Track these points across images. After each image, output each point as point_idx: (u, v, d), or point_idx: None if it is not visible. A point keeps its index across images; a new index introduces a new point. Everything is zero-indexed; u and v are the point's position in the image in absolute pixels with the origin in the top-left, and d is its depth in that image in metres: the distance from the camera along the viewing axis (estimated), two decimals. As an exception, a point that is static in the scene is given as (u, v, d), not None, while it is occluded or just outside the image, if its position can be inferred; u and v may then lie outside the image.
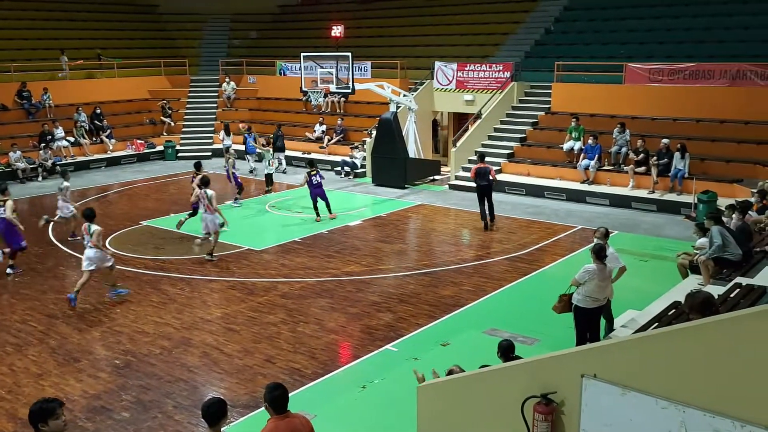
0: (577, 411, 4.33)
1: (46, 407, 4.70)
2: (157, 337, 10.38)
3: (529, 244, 14.99)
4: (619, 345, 4.39)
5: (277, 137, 23.41)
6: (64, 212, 15.49)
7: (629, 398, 4.04)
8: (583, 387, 4.25)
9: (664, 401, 3.90)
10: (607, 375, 4.15)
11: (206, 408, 5.16)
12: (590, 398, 4.24)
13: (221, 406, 5.18)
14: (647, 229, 16.03)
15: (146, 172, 24.30)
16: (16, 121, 25.01)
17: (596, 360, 4.26)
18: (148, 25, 33.53)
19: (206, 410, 5.15)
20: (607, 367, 4.17)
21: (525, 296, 12.01)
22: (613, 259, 9.35)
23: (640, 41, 22.71)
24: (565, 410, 4.45)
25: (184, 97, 29.76)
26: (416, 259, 14.36)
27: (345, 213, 17.91)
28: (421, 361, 9.31)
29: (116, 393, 8.72)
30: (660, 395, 3.91)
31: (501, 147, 21.70)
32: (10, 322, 10.98)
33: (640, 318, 9.35)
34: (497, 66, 23.35)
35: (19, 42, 27.81)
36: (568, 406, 4.42)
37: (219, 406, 5.17)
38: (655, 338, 4.17)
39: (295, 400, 7.89)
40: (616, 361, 4.16)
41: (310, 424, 5.35)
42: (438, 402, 5.34)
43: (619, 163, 19.32)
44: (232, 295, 12.15)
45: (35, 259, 14.28)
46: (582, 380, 4.25)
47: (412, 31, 28.71)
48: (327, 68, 21.27)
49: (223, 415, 5.18)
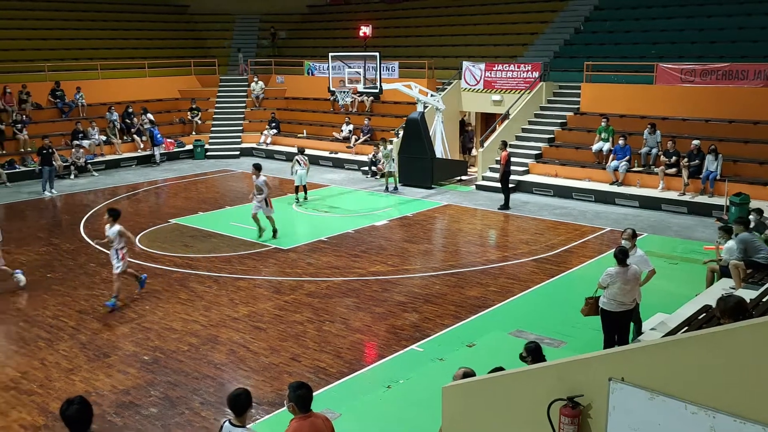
0: (604, 415, 4.29)
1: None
2: (184, 334, 10.50)
3: (557, 245, 14.87)
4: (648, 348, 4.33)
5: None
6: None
7: (657, 403, 3.99)
8: (610, 390, 4.20)
9: (694, 406, 3.83)
10: (635, 379, 4.10)
11: (233, 398, 5.24)
12: (617, 402, 4.19)
13: (247, 397, 5.29)
14: (677, 232, 15.80)
15: (175, 170, 24.60)
16: (50, 119, 25.50)
17: (624, 363, 4.21)
18: (179, 25, 33.96)
19: (233, 400, 5.23)
20: (636, 371, 4.11)
21: (552, 298, 11.92)
22: (642, 261, 9.23)
23: (672, 41, 22.40)
24: (592, 414, 4.40)
25: (214, 96, 30.07)
26: (442, 259, 14.33)
27: (371, 213, 17.96)
28: (447, 361, 9.29)
29: (144, 389, 8.84)
30: (689, 400, 3.85)
31: (529, 147, 21.55)
32: (43, 318, 11.19)
33: (670, 321, 9.23)
34: (525, 66, 23.21)
35: (53, 42, 28.34)
36: (595, 410, 4.37)
37: (245, 396, 5.27)
38: (685, 342, 4.11)
39: (320, 398, 7.94)
40: (644, 365, 4.10)
41: (331, 423, 5.38)
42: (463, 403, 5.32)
43: (649, 165, 19.08)
44: (259, 293, 12.24)
45: (67, 256, 14.54)
46: (609, 384, 4.20)
47: (440, 31, 28.69)
48: (355, 68, 21.33)
49: (248, 405, 5.29)
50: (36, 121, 24.85)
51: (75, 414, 4.54)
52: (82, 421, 4.57)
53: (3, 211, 18.88)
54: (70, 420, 4.54)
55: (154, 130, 25.96)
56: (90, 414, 4.62)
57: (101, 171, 24.15)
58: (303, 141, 26.37)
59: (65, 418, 4.55)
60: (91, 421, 4.62)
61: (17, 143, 23.57)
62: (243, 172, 23.91)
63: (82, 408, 4.58)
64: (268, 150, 27.14)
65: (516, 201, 18.81)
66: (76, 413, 4.54)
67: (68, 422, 4.55)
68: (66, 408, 4.56)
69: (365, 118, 25.89)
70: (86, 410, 4.60)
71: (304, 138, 26.76)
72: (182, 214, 17.92)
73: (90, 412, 4.62)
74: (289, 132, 27.78)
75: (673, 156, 18.31)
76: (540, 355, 6.77)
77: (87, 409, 4.61)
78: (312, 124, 27.75)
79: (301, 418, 5.18)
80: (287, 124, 28.32)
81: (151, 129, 25.99)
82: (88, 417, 4.60)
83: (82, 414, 4.57)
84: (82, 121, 25.14)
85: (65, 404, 4.58)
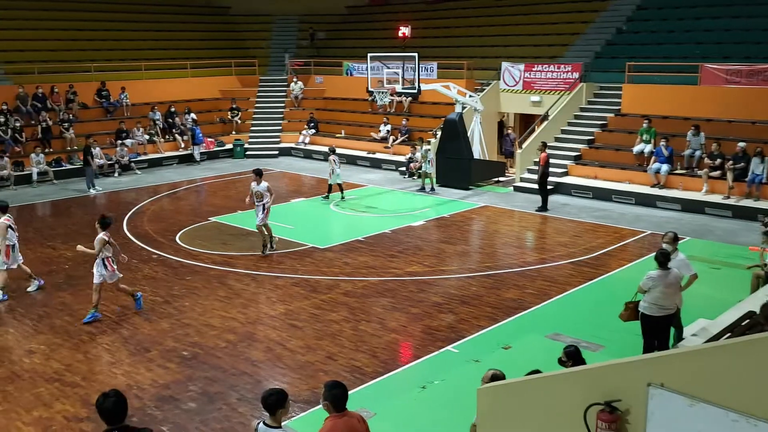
0: (642, 421, 4.23)
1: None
2: (223, 331, 10.66)
3: (596, 248, 14.68)
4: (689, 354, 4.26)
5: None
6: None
7: (698, 410, 3.92)
8: (649, 396, 4.15)
9: (735, 414, 3.76)
10: (675, 385, 4.04)
11: (267, 397, 5.30)
12: (657, 408, 4.14)
13: (281, 396, 5.32)
14: (721, 236, 15.46)
15: (215, 169, 24.95)
16: (95, 119, 26.12)
17: (664, 369, 4.15)
18: (221, 26, 34.45)
19: (267, 399, 5.29)
20: (676, 377, 4.05)
21: (590, 302, 11.77)
22: (684, 265, 9.07)
23: (717, 41, 21.92)
24: (630, 419, 4.35)
25: (253, 96, 30.44)
26: (479, 260, 14.27)
27: (408, 213, 17.97)
28: (482, 363, 9.25)
29: (184, 383, 8.99)
30: (731, 407, 3.78)
31: (568, 149, 21.32)
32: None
33: (712, 327, 9.04)
34: (566, 67, 22.96)
35: (99, 43, 29.01)
36: (633, 416, 4.32)
37: (279, 395, 5.31)
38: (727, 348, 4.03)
39: (355, 397, 7.98)
40: (685, 371, 4.04)
41: (366, 423, 5.40)
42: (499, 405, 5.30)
43: (693, 167, 18.71)
44: (296, 291, 12.35)
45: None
46: (648, 389, 4.14)
47: (479, 32, 28.55)
48: (393, 68, 21.35)
49: (282, 404, 5.31)
50: (82, 120, 25.48)
51: (111, 407, 4.60)
52: (118, 413, 4.61)
53: (50, 208, 19.40)
54: (107, 413, 4.60)
55: (196, 129, 26.42)
56: (125, 407, 4.67)
57: (144, 169, 24.63)
58: (341, 141, 26.57)
59: (101, 411, 4.61)
60: (125, 414, 4.67)
61: (64, 142, 24.19)
62: (281, 172, 24.16)
63: (118, 401, 4.63)
64: (306, 150, 27.36)
65: (554, 203, 18.63)
66: (112, 406, 4.60)
67: (104, 415, 4.61)
68: (102, 401, 4.62)
69: (403, 118, 25.92)
70: (121, 403, 4.65)
71: (342, 138, 26.92)
72: (221, 213, 18.17)
73: (125, 406, 4.67)
74: (327, 132, 27.96)
75: (718, 158, 17.93)
76: (580, 359, 6.69)
77: (122, 402, 4.65)
78: (350, 124, 27.89)
79: (335, 417, 5.21)
80: (326, 124, 28.51)
81: (193, 128, 26.46)
82: (123, 410, 4.65)
83: (118, 407, 4.62)
84: (126, 120, 25.69)
85: (101, 397, 4.65)
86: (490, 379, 5.91)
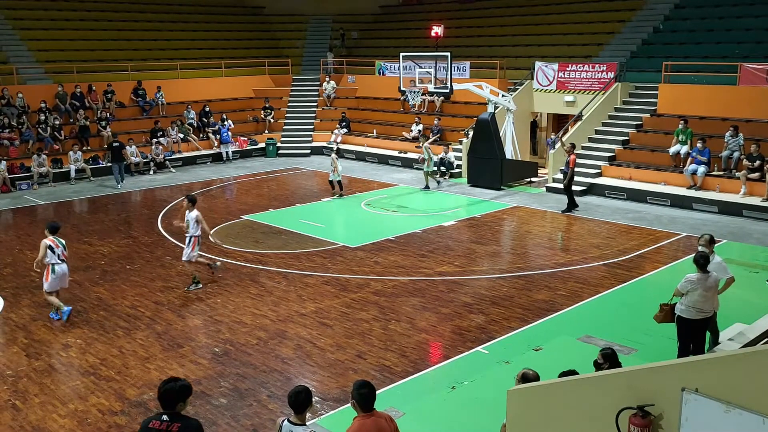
0: (675, 426, 4.16)
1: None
2: (254, 328, 10.76)
3: (629, 250, 14.47)
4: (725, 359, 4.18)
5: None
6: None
7: (733, 416, 3.84)
8: (683, 401, 4.08)
9: (773, 421, 3.68)
10: (710, 390, 3.96)
11: (296, 394, 5.33)
12: (690, 413, 4.06)
13: (309, 395, 5.35)
14: (759, 239, 15.13)
15: (248, 168, 25.19)
16: (132, 117, 26.57)
17: (699, 374, 4.08)
18: (255, 26, 34.75)
19: (296, 397, 5.32)
20: (711, 382, 3.98)
21: (623, 304, 11.61)
22: (721, 269, 8.89)
23: (757, 40, 21.43)
24: (663, 424, 4.28)
25: (286, 95, 30.66)
26: (510, 261, 14.18)
27: (439, 213, 17.93)
28: (512, 364, 9.19)
29: (215, 379, 9.10)
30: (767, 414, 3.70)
31: (602, 150, 21.05)
32: (121, 308, 11.66)
33: (749, 332, 8.87)
34: (600, 66, 22.67)
35: (136, 43, 29.49)
36: (666, 420, 4.25)
37: (308, 394, 5.34)
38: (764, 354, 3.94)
39: (384, 397, 8.00)
40: (720, 376, 3.96)
41: (395, 423, 5.39)
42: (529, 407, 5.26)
43: (731, 169, 18.33)
44: (327, 290, 12.41)
45: (145, 249, 15.10)
46: (682, 394, 4.07)
47: (512, 31, 28.35)
48: (426, 68, 21.30)
49: (308, 403, 5.35)
50: (119, 119, 25.93)
51: (178, 389, 5.08)
52: (180, 398, 5.10)
53: (87, 205, 19.78)
54: (173, 393, 5.07)
55: (222, 129, 26.49)
56: (188, 393, 5.17)
57: (178, 167, 24.98)
58: (372, 140, 26.61)
59: (166, 391, 5.07)
60: (184, 401, 5.13)
61: (101, 140, 24.63)
62: (314, 171, 24.30)
63: (185, 386, 5.16)
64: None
65: (588, 204, 18.42)
66: (179, 389, 5.09)
67: (168, 395, 5.08)
68: (170, 383, 5.13)
69: (435, 118, 25.86)
70: (187, 389, 5.16)
71: (374, 137, 26.96)
72: (253, 211, 18.33)
73: (189, 392, 5.18)
74: (359, 131, 28.04)
75: (757, 160, 17.53)
76: (616, 362, 6.60)
77: (188, 388, 5.18)
78: (382, 123, 27.92)
79: (363, 417, 5.22)
80: (357, 124, 28.59)
81: (220, 127, 26.56)
82: (185, 395, 5.13)
83: (184, 391, 5.12)
84: (161, 119, 26.08)
85: (170, 380, 5.19)
86: (521, 378, 5.87)
